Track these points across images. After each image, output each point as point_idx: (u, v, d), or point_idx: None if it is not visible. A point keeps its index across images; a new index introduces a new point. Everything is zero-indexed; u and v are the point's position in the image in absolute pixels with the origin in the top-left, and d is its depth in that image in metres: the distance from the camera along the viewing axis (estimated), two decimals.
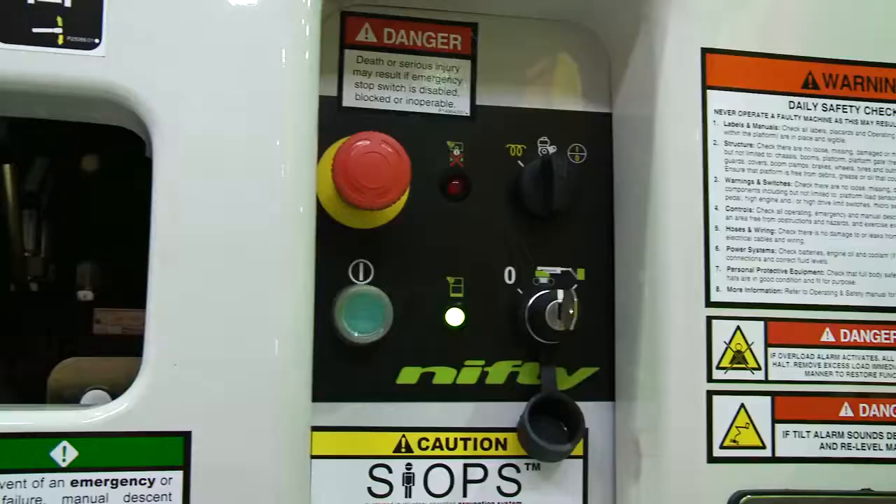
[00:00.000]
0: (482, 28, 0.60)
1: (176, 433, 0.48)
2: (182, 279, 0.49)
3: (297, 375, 0.50)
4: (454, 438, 0.58)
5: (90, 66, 0.48)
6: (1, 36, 0.48)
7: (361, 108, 0.59)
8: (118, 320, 0.67)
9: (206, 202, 0.49)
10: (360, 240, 0.58)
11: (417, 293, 0.58)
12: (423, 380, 0.58)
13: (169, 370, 0.48)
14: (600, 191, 0.61)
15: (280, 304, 0.50)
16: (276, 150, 0.50)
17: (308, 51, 0.51)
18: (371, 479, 0.57)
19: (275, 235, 0.50)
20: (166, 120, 0.49)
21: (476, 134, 0.60)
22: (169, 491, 0.48)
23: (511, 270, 0.60)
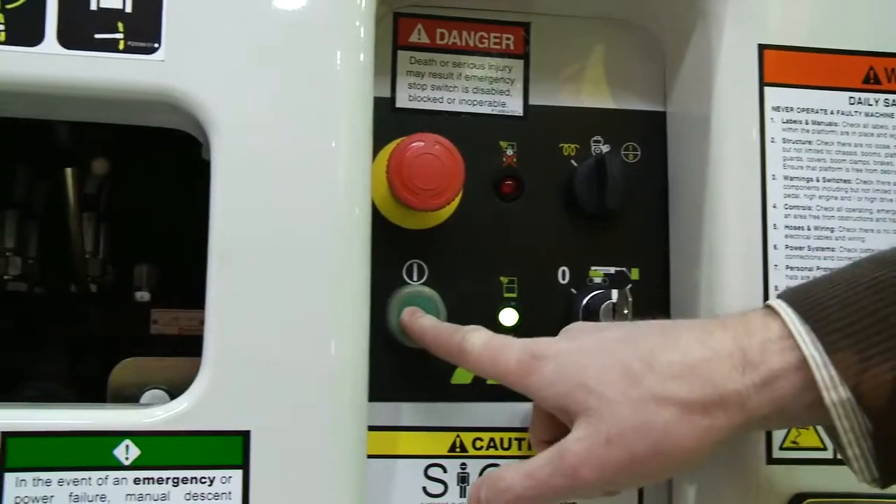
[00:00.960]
0: (534, 27, 0.60)
1: (235, 432, 0.48)
2: (240, 280, 0.49)
3: (354, 375, 0.50)
4: (508, 438, 0.58)
5: (150, 70, 0.49)
6: (64, 42, 0.48)
7: (414, 108, 0.59)
8: (174, 321, 0.68)
9: (263, 203, 0.49)
10: (413, 240, 0.58)
11: (471, 293, 0.58)
12: (478, 380, 0.58)
13: (228, 370, 0.49)
14: (654, 190, 0.61)
15: (336, 305, 0.50)
16: (331, 152, 0.50)
17: (363, 53, 0.52)
18: (426, 479, 0.57)
19: (330, 236, 0.50)
20: (224, 122, 0.49)
21: (529, 134, 0.60)
22: (229, 490, 0.48)
23: (564, 270, 0.60)
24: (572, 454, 0.46)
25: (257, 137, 0.50)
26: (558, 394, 0.47)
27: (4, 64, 0.48)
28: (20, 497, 0.46)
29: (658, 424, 0.45)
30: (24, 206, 0.68)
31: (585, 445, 0.46)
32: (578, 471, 0.46)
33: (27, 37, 0.48)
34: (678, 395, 0.45)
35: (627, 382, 0.46)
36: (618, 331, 0.49)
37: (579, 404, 0.46)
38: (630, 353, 0.47)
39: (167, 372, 0.59)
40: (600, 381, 0.46)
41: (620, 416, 0.45)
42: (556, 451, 0.47)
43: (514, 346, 0.50)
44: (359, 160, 0.51)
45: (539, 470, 0.47)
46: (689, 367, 0.45)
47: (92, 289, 0.68)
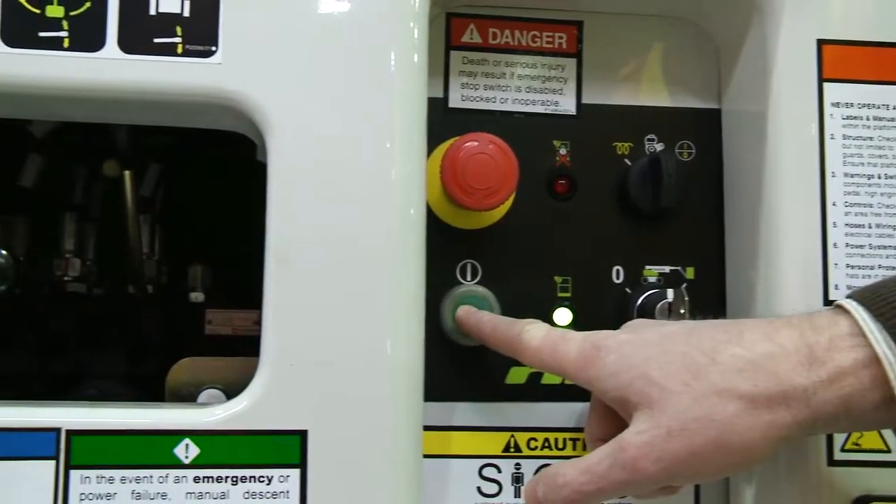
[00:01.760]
0: (587, 26, 0.60)
1: (293, 432, 0.49)
2: (297, 280, 0.49)
3: (410, 375, 0.50)
4: (563, 438, 0.58)
5: (207, 73, 0.50)
6: (125, 47, 0.49)
7: (467, 108, 0.59)
8: (229, 321, 0.69)
9: (319, 204, 0.50)
10: (467, 240, 0.58)
11: (525, 293, 0.58)
12: (532, 380, 0.58)
13: (285, 370, 0.49)
14: (709, 188, 0.60)
15: (392, 305, 0.50)
16: (386, 153, 0.51)
17: (417, 53, 0.52)
18: (480, 479, 0.57)
19: (386, 237, 0.50)
20: (280, 124, 0.50)
21: (582, 133, 0.60)
22: (287, 488, 0.49)
23: (618, 270, 0.59)
24: (632, 447, 0.45)
25: (313, 139, 0.50)
26: (619, 385, 0.47)
27: (68, 69, 0.49)
28: (84, 493, 0.47)
29: (720, 417, 0.44)
30: (82, 208, 0.69)
31: (646, 438, 0.45)
32: (638, 463, 0.45)
33: (89, 42, 0.49)
34: (742, 389, 0.44)
35: (690, 374, 0.45)
36: (680, 325, 0.49)
37: (640, 396, 0.46)
38: (693, 346, 0.46)
39: (223, 372, 0.59)
40: (662, 372, 0.46)
41: (682, 408, 0.45)
42: (615, 445, 0.46)
43: (575, 338, 0.50)
44: (413, 160, 0.51)
45: (598, 464, 0.47)
46: (754, 361, 0.45)
47: (148, 290, 0.69)
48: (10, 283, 0.61)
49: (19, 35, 0.49)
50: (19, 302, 0.65)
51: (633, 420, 0.46)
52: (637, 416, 0.46)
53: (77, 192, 0.69)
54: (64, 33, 0.49)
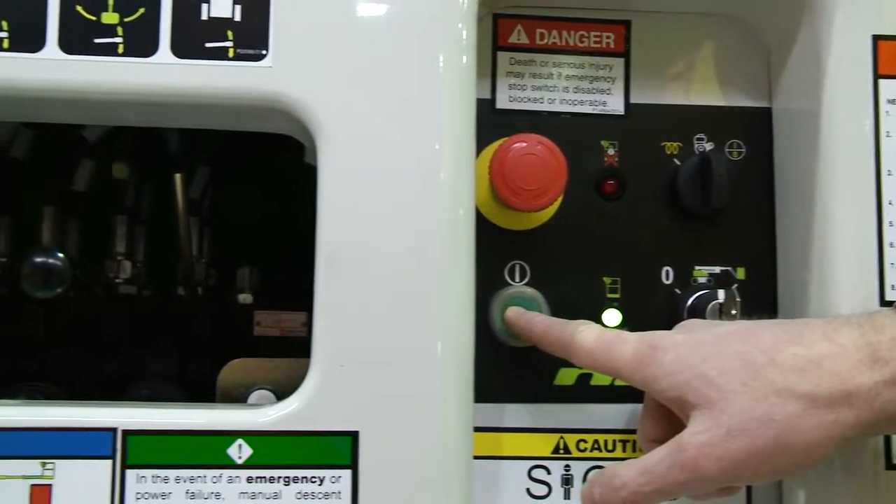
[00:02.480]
0: (635, 25, 0.60)
1: (344, 433, 0.49)
2: (347, 281, 0.50)
3: (460, 376, 0.50)
4: (612, 440, 0.58)
5: (258, 76, 0.50)
6: (177, 51, 0.50)
7: (515, 109, 0.59)
8: (277, 322, 0.69)
9: (369, 205, 0.50)
10: (515, 241, 0.58)
11: (573, 294, 0.58)
12: (581, 381, 0.58)
13: (336, 371, 0.49)
14: (760, 187, 0.60)
15: (442, 306, 0.50)
16: (435, 154, 0.51)
17: (465, 54, 0.52)
18: (530, 481, 0.57)
19: (435, 238, 0.50)
20: (330, 126, 0.50)
21: (630, 132, 0.59)
22: (338, 489, 0.49)
23: (668, 270, 0.59)
24: (692, 447, 0.45)
25: (363, 140, 0.50)
26: (677, 384, 0.47)
27: (122, 74, 0.50)
28: (140, 493, 0.48)
29: (781, 417, 0.44)
30: (132, 211, 0.70)
31: (706, 438, 0.45)
32: (699, 463, 0.45)
33: (143, 48, 0.50)
34: (802, 388, 0.44)
35: (749, 374, 0.45)
36: (736, 325, 0.49)
37: (699, 396, 0.46)
38: (752, 345, 0.46)
39: (272, 372, 0.60)
40: (721, 372, 0.45)
41: (742, 408, 0.44)
42: (674, 445, 0.46)
43: (630, 338, 0.50)
44: (462, 161, 0.51)
45: (657, 465, 0.46)
46: (814, 360, 0.44)
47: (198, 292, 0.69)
48: (66, 285, 0.62)
49: (76, 42, 0.49)
50: (73, 303, 0.66)
51: (692, 420, 0.46)
52: (695, 416, 0.46)
53: (128, 195, 0.69)
54: (118, 39, 0.50)
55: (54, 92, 0.50)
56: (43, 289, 0.62)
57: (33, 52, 0.49)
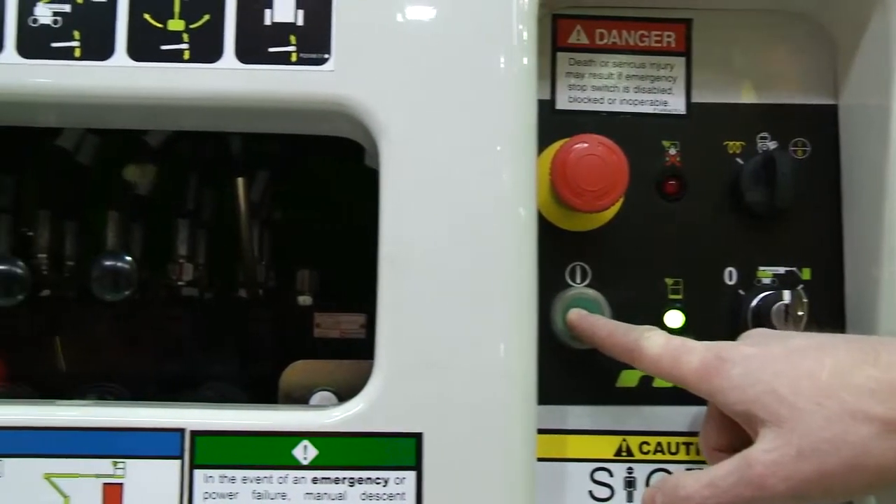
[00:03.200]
0: (696, 23, 0.59)
1: (408, 434, 0.49)
2: (410, 283, 0.50)
3: (523, 378, 0.50)
4: (675, 443, 0.57)
5: (321, 80, 0.51)
6: (241, 56, 0.51)
7: (575, 110, 0.59)
8: (336, 324, 0.70)
9: (431, 208, 0.50)
10: (576, 242, 0.58)
11: (635, 295, 0.58)
12: (644, 383, 0.57)
13: (400, 373, 0.50)
14: (826, 186, 0.59)
15: (505, 307, 0.50)
16: (496, 155, 0.51)
17: (526, 56, 0.52)
18: (592, 483, 0.57)
19: (498, 239, 0.50)
20: (393, 129, 0.50)
21: (692, 132, 0.59)
22: (403, 490, 0.49)
23: (731, 271, 0.58)
24: (760, 464, 0.45)
25: (425, 143, 0.50)
26: (745, 398, 0.46)
27: (188, 80, 0.50)
28: (208, 493, 0.48)
29: (854, 439, 0.43)
30: (193, 214, 0.70)
31: (775, 456, 0.44)
32: (766, 481, 0.44)
33: (208, 54, 0.50)
34: (876, 412, 0.43)
35: (822, 394, 0.44)
36: (809, 340, 0.48)
37: (769, 412, 0.45)
38: (826, 364, 0.45)
39: (334, 374, 0.60)
40: (793, 389, 0.45)
41: (813, 428, 0.44)
42: (741, 461, 0.46)
43: (697, 348, 0.49)
44: (524, 163, 0.51)
45: (723, 479, 0.46)
46: (890, 383, 0.44)
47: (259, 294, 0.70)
48: (134, 287, 0.63)
49: (143, 49, 0.50)
50: (139, 306, 0.68)
51: (760, 436, 0.45)
52: (764, 432, 0.45)
53: (189, 198, 0.70)
54: (184, 45, 0.50)
55: (123, 98, 0.51)
56: (112, 291, 0.63)
57: (103, 59, 0.50)
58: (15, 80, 0.50)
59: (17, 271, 0.60)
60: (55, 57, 0.50)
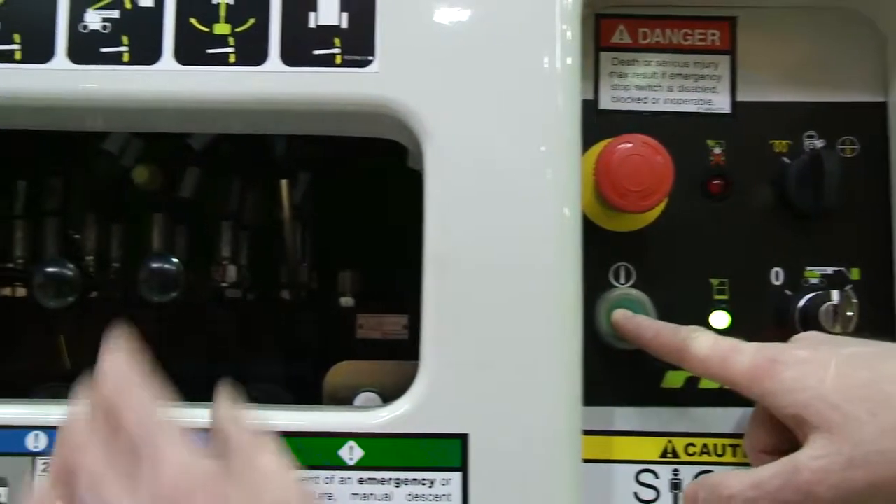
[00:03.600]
0: (741, 21, 0.58)
1: (454, 435, 0.49)
2: (456, 285, 0.50)
3: (568, 379, 0.50)
4: (722, 444, 0.57)
5: (365, 82, 0.51)
6: (286, 59, 0.51)
7: (618, 110, 0.58)
8: (379, 325, 0.70)
9: (476, 208, 0.50)
10: (620, 243, 0.57)
11: (680, 296, 0.57)
12: (689, 384, 0.57)
13: (446, 374, 0.50)
14: (875, 185, 0.58)
15: (550, 307, 0.50)
16: (541, 156, 0.51)
17: (570, 56, 0.52)
18: (637, 485, 0.57)
19: (543, 239, 0.50)
20: (437, 130, 0.50)
21: (737, 131, 0.58)
22: (449, 491, 0.49)
23: (778, 271, 0.58)
24: (808, 471, 0.44)
25: (469, 144, 0.50)
26: (796, 403, 0.46)
27: (233, 83, 0.51)
28: None
29: None
30: (236, 216, 0.71)
31: (823, 464, 0.44)
32: (814, 489, 0.44)
33: (253, 57, 0.51)
34: None
35: (877, 403, 0.44)
36: (864, 347, 0.47)
37: (820, 419, 0.45)
38: (882, 374, 0.45)
39: (377, 375, 0.60)
40: (846, 397, 0.44)
41: (866, 438, 0.43)
42: (788, 465, 0.45)
43: (747, 349, 0.49)
44: (568, 163, 0.51)
45: (768, 482, 0.45)
46: None
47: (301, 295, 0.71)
48: (180, 289, 0.64)
49: (189, 52, 0.51)
50: (183, 308, 0.68)
51: (810, 442, 0.45)
52: (814, 438, 0.45)
53: (232, 200, 0.71)
54: (230, 49, 0.51)
55: (170, 102, 0.51)
56: (158, 293, 0.63)
57: (150, 64, 0.51)
58: (66, 85, 0.50)
59: (67, 273, 0.61)
60: (104, 62, 0.51)
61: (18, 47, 0.50)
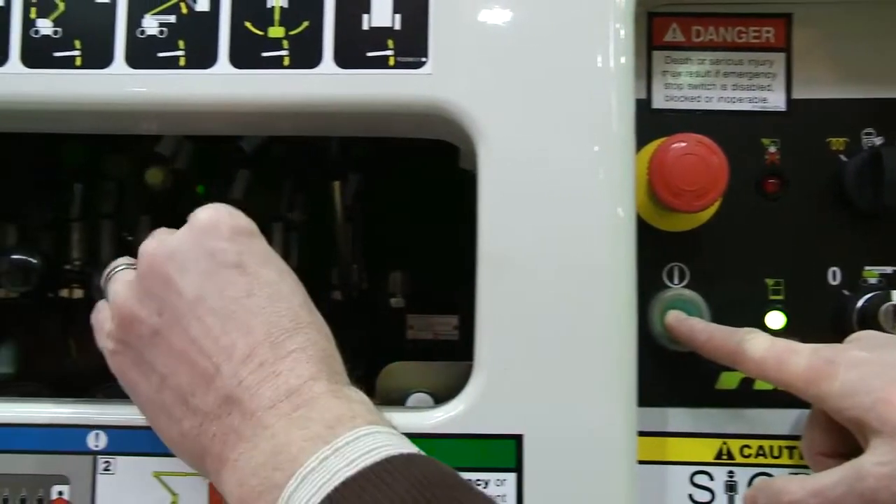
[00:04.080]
0: (797, 18, 0.58)
1: (508, 436, 0.49)
2: (510, 285, 0.50)
3: (623, 379, 0.50)
4: (778, 446, 0.56)
5: (418, 84, 0.51)
6: (340, 62, 0.51)
7: (671, 109, 0.58)
8: (429, 326, 0.70)
9: (530, 208, 0.50)
10: (673, 242, 0.57)
11: (735, 296, 0.57)
12: (744, 385, 0.56)
13: (500, 374, 0.50)
14: None
15: (604, 307, 0.50)
16: (594, 155, 0.51)
17: (624, 55, 0.51)
18: (692, 486, 0.56)
19: (597, 239, 0.50)
20: (491, 131, 0.50)
21: (793, 129, 0.57)
22: (503, 492, 0.49)
23: (835, 271, 0.57)
24: (872, 477, 0.43)
25: (523, 144, 0.50)
26: (856, 405, 0.45)
27: (288, 86, 0.51)
28: None
29: None
30: (286, 218, 0.72)
31: (888, 470, 0.43)
32: (879, 495, 0.43)
33: (307, 60, 0.51)
34: None
35: None
36: None
37: (883, 422, 0.44)
38: None
39: (429, 376, 0.60)
40: None
41: None
42: (851, 471, 0.44)
43: (804, 350, 0.48)
44: (622, 162, 0.51)
45: (831, 489, 0.45)
46: None
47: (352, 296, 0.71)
48: None
49: (245, 56, 0.51)
50: None
51: (872, 447, 0.44)
52: (877, 443, 0.44)
53: (283, 202, 0.72)
54: (284, 52, 0.51)
55: (225, 105, 0.52)
56: None
57: (206, 68, 0.51)
58: (125, 90, 0.51)
59: None
60: (161, 66, 0.51)
61: (78, 53, 0.51)
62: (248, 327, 0.43)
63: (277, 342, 0.43)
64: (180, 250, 0.45)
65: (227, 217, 0.47)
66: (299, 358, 0.43)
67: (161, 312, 0.44)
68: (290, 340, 0.43)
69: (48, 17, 0.52)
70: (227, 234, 0.46)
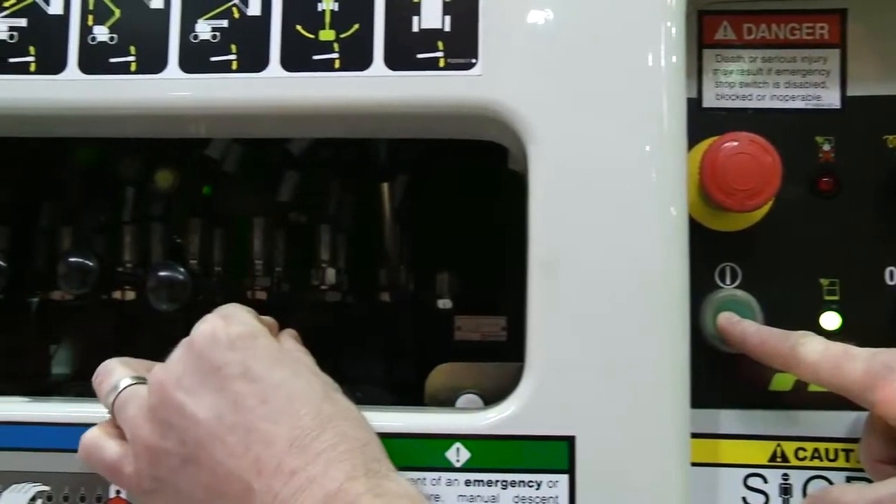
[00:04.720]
0: (852, 13, 0.57)
1: (561, 437, 0.49)
2: (561, 286, 0.50)
3: (676, 381, 0.50)
4: (834, 449, 0.55)
5: (469, 85, 0.51)
6: (390, 63, 0.51)
7: (722, 107, 0.57)
8: (477, 327, 0.70)
9: (582, 209, 0.50)
10: (726, 242, 0.56)
11: (788, 297, 0.56)
12: (798, 387, 0.55)
13: (552, 376, 0.49)
14: None
15: (657, 308, 0.49)
16: (646, 155, 0.50)
17: (675, 53, 0.51)
18: (745, 489, 0.55)
19: (649, 239, 0.50)
20: (542, 132, 0.50)
21: (848, 127, 0.57)
22: (555, 494, 0.49)
23: (892, 271, 0.56)
24: None
25: (574, 145, 0.50)
26: None
27: (339, 88, 0.51)
28: None
29: None
30: (334, 219, 0.72)
31: None
32: None
33: (358, 62, 0.51)
34: None
35: None
36: None
37: None
38: None
39: (478, 377, 0.60)
40: None
41: None
42: None
43: (860, 355, 0.47)
44: (674, 162, 0.51)
45: (891, 500, 0.44)
46: None
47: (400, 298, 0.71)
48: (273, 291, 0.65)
49: (295, 59, 0.52)
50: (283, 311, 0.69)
51: None
52: None
53: (330, 204, 0.72)
54: (335, 55, 0.52)
55: (276, 108, 0.52)
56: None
57: (258, 71, 0.52)
58: (178, 94, 0.52)
59: (179, 277, 0.63)
60: (214, 70, 0.52)
61: (133, 59, 0.52)
62: (271, 437, 0.42)
63: (303, 445, 0.42)
64: (186, 374, 0.45)
65: (223, 327, 0.46)
66: (331, 458, 0.41)
67: (184, 442, 0.44)
68: (317, 441, 0.42)
69: (104, 24, 0.52)
70: (226, 344, 0.45)
